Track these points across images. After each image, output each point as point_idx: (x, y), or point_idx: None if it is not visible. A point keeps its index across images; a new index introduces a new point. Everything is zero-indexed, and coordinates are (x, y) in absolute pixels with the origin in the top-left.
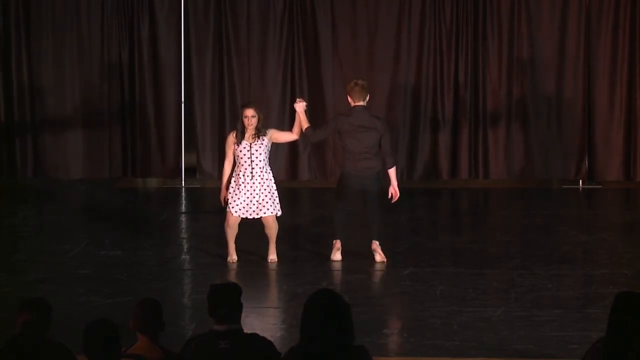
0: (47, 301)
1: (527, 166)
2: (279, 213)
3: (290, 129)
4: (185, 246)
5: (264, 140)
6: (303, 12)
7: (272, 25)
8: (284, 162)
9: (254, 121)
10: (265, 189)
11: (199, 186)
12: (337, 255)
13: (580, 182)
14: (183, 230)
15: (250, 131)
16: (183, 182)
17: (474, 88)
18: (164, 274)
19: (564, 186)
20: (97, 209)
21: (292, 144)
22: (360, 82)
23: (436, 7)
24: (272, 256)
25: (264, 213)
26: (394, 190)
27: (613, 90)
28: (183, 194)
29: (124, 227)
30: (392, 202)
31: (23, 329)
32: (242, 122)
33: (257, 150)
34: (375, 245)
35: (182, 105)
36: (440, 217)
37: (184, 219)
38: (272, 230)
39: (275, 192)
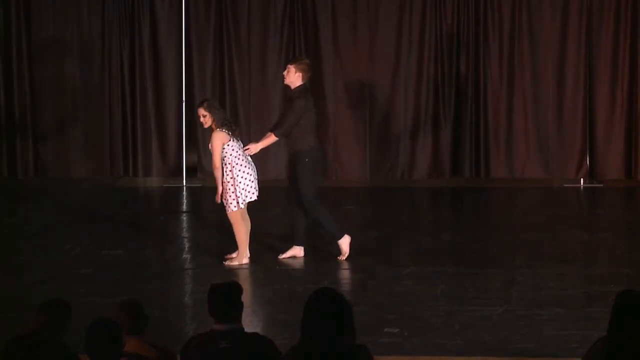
0: (68, 305)
1: (528, 165)
2: (228, 209)
3: None
4: (186, 246)
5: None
6: (304, 11)
7: (273, 25)
8: (284, 162)
9: (205, 120)
10: (226, 188)
11: (200, 185)
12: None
13: (582, 181)
14: (184, 230)
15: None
16: (184, 182)
17: (475, 86)
18: (165, 274)
19: (565, 185)
20: (98, 209)
21: None
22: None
23: (437, 5)
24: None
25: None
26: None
27: (614, 88)
28: (184, 193)
29: (125, 227)
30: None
31: (34, 329)
32: None
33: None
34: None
35: (183, 104)
36: (441, 215)
37: (185, 218)
38: (234, 228)
39: (231, 189)
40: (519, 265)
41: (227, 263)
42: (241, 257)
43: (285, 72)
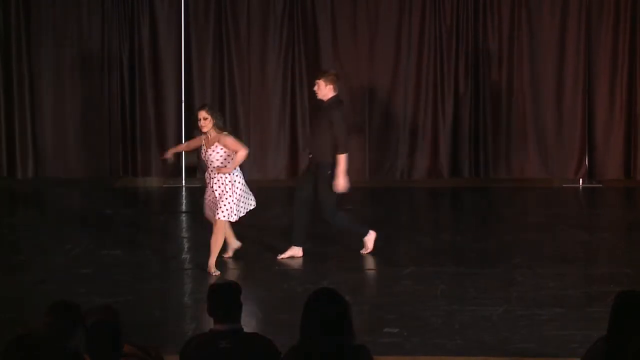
0: (77, 309)
1: (528, 165)
2: (226, 218)
3: (289, 128)
4: (186, 246)
5: (217, 146)
6: (303, 11)
7: (273, 24)
8: (284, 161)
9: (206, 123)
10: (218, 193)
11: (199, 185)
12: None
13: (581, 181)
14: (184, 230)
15: (206, 134)
16: (183, 182)
17: (475, 86)
18: (165, 274)
19: (564, 185)
20: (98, 209)
21: (292, 142)
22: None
23: (436, 5)
24: (209, 263)
25: (216, 216)
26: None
27: (613, 89)
28: (184, 193)
29: (124, 227)
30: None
31: (37, 329)
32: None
33: (211, 155)
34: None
35: (183, 104)
36: (440, 216)
37: (184, 218)
38: (215, 235)
39: (229, 198)
40: (519, 265)
41: (212, 273)
42: (211, 267)
43: (315, 88)
